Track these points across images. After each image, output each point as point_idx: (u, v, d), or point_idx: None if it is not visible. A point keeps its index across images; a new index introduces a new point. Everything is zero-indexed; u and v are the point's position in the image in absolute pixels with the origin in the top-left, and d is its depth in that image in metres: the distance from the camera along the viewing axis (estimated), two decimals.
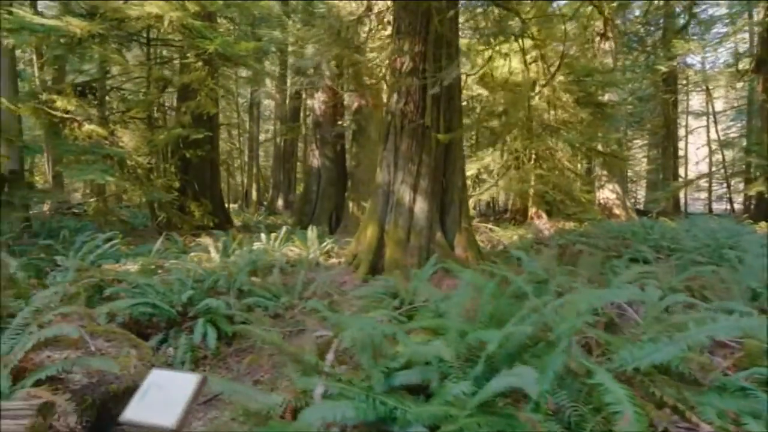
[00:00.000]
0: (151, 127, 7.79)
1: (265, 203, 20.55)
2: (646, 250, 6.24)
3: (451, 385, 1.63)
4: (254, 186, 20.81)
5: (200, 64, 7.61)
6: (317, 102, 11.40)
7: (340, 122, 10.87)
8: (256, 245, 7.01)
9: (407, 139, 5.75)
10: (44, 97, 7.06)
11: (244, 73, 19.53)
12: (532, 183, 11.20)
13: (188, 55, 8.40)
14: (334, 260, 6.92)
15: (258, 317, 3.48)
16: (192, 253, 6.15)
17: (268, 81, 20.18)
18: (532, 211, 11.98)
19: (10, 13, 6.49)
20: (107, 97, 8.17)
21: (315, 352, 2.29)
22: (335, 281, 4.52)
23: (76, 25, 6.87)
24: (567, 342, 1.64)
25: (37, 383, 1.85)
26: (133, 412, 1.26)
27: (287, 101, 19.18)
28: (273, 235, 7.50)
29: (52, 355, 2.12)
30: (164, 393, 1.27)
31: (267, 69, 13.94)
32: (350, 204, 10.97)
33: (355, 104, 10.95)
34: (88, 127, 7.19)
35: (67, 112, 7.07)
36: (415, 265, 5.53)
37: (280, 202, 20.13)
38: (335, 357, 2.36)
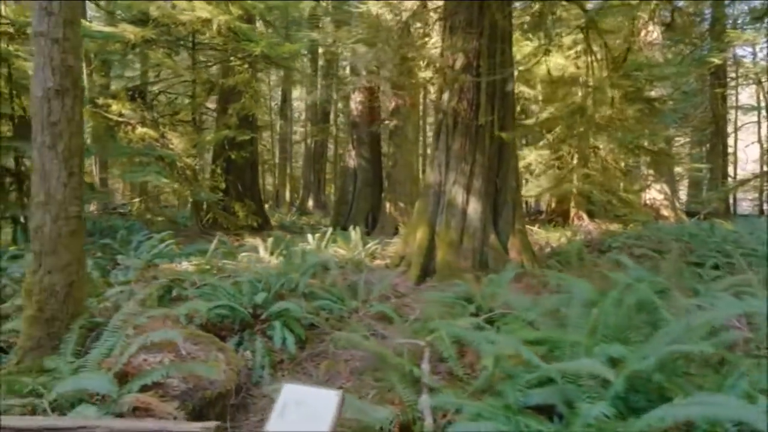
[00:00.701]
0: (198, 130, 7.94)
1: (295, 204, 20.80)
2: (714, 254, 5.84)
3: (586, 406, 1.48)
4: (287, 186, 21.06)
5: (246, 66, 7.69)
6: (353, 102, 11.37)
7: (378, 122, 10.78)
8: (302, 246, 7.01)
9: (460, 138, 5.58)
10: (101, 101, 7.30)
11: (274, 75, 19.84)
12: (575, 182, 10.78)
13: (231, 58, 8.54)
14: (378, 261, 6.83)
15: (322, 321, 3.41)
16: (243, 254, 6.20)
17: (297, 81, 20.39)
18: (573, 212, 11.54)
19: None
20: (155, 101, 8.40)
21: (411, 361, 2.18)
22: (390, 284, 4.41)
23: (131, 31, 7.08)
24: (739, 364, 1.46)
25: (143, 389, 1.82)
26: (276, 429, 1.19)
27: (317, 102, 19.34)
28: (317, 235, 7.48)
29: (148, 358, 2.10)
30: (306, 410, 1.19)
31: (299, 70, 13.97)
32: (387, 204, 10.88)
33: (393, 104, 10.85)
34: (140, 129, 7.40)
35: (121, 115, 7.30)
36: (470, 268, 5.37)
37: (310, 203, 20.31)
38: (430, 366, 2.24)
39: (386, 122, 10.33)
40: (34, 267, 2.36)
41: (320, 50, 16.58)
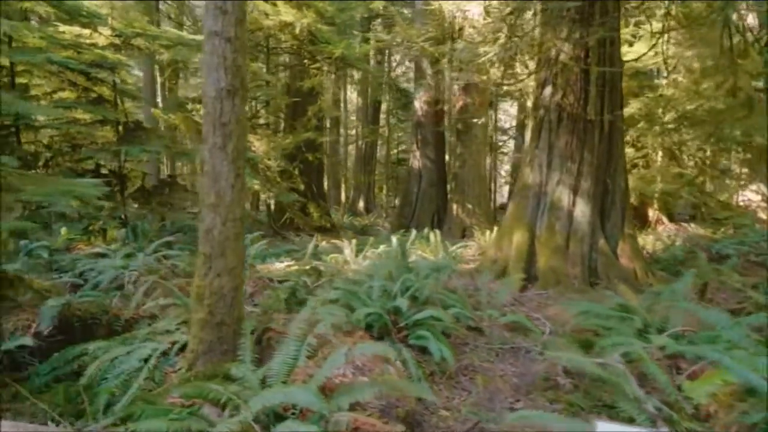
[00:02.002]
0: (276, 132, 8.07)
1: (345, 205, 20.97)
2: None
3: None
4: (342, 187, 21.27)
5: (324, 68, 7.70)
6: (419, 102, 11.17)
7: (463, 116, 10.45)
8: (383, 248, 6.89)
9: (566, 135, 5.21)
10: (189, 106, 7.57)
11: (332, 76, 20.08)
12: (659, 182, 9.94)
13: (306, 60, 8.62)
14: (462, 265, 6.56)
15: (461, 330, 3.20)
16: (331, 255, 6.17)
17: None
18: (654, 214, 10.66)
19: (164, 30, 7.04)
20: None
21: (623, 383, 1.91)
22: (509, 291, 4.13)
23: None
24: None
25: (352, 407, 1.69)
26: None
27: (368, 103, 19.36)
28: (396, 237, 7.32)
29: (334, 370, 1.98)
30: None
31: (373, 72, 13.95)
32: (454, 206, 10.58)
33: (460, 103, 10.54)
34: None
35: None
36: (579, 275, 4.98)
37: (360, 204, 20.38)
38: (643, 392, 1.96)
39: (458, 121, 10.03)
40: (204, 270, 2.33)
41: (371, 51, 16.55)
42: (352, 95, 21.47)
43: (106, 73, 6.15)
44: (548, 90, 5.37)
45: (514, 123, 21.85)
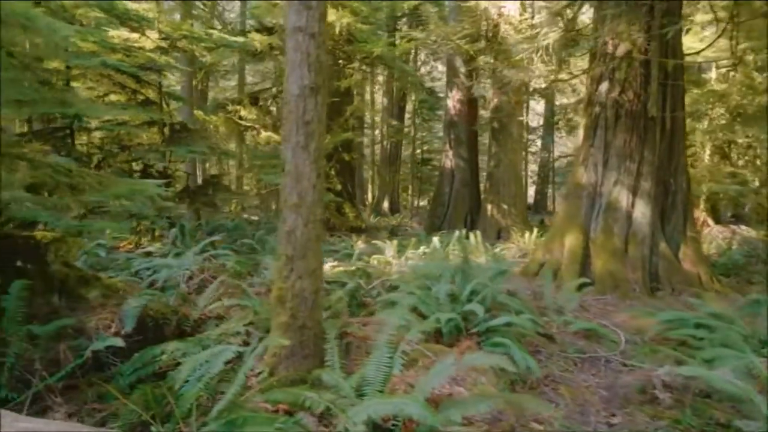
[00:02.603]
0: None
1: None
2: None
3: None
4: (370, 188, 21.28)
5: (363, 67, 7.65)
6: (451, 101, 11.01)
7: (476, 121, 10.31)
8: (423, 249, 6.78)
9: (624, 133, 4.97)
10: (230, 107, 7.65)
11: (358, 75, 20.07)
12: (708, 182, 9.45)
13: (340, 60, 8.59)
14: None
15: (536, 337, 3.06)
16: (373, 256, 6.10)
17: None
18: (701, 215, 10.16)
19: (208, 34, 7.13)
20: (271, 106, 8.70)
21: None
22: (577, 297, 3.94)
23: (258, 40, 7.35)
24: None
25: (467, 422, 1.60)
26: None
27: (393, 102, 19.25)
28: (436, 239, 7.19)
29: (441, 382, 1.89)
30: None
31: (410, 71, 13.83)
32: (488, 206, 10.36)
33: (495, 101, 10.32)
34: (264, 133, 7.65)
35: (240, 119, 7.60)
36: (639, 280, 4.74)
37: (385, 204, 20.30)
38: None
39: (494, 120, 9.82)
40: (286, 272, 2.28)
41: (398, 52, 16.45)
42: (376, 95, 21.42)
43: (153, 75, 6.27)
44: (604, 86, 5.15)
45: (540, 122, 21.37)
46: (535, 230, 8.56)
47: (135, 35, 6.27)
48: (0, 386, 1.94)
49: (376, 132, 21.22)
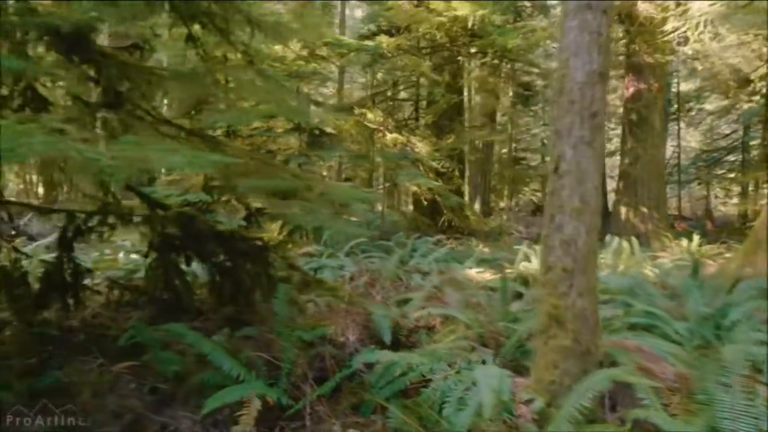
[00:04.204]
0: (439, 132, 7.86)
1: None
2: None
3: None
4: (466, 189, 20.68)
5: (495, 62, 7.23)
6: None
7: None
8: None
9: None
10: (356, 110, 7.73)
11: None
12: None
13: (460, 57, 8.25)
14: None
15: None
16: (521, 263, 5.65)
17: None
18: None
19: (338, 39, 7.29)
20: (394, 107, 8.69)
21: None
22: None
23: (385, 42, 7.33)
24: None
25: None
26: None
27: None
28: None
29: None
30: None
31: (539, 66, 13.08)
32: (622, 209, 9.23)
33: (631, 90, 9.16)
34: (390, 135, 7.61)
35: (371, 122, 7.62)
36: None
37: (476, 206, 19.50)
38: None
39: (631, 110, 8.73)
40: (564, 287, 1.98)
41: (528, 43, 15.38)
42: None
43: (296, 82, 6.53)
44: None
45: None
46: (696, 238, 7.37)
47: (278, 46, 6.62)
48: (280, 393, 1.92)
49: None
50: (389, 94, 9.53)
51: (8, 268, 2.63)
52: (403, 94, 9.74)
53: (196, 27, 2.60)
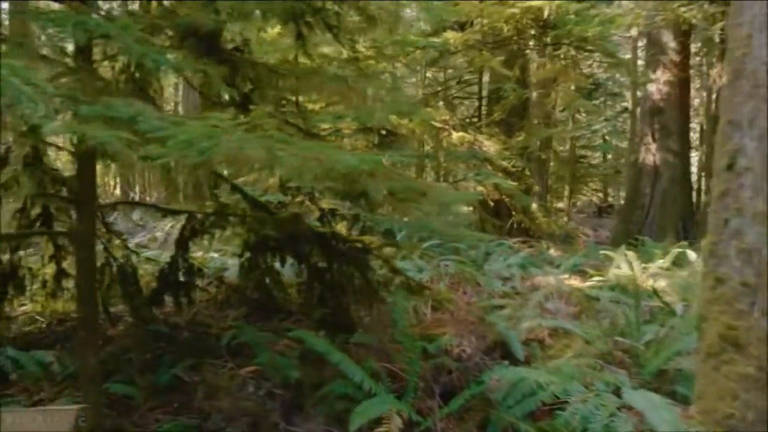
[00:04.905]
0: (508, 130, 7.51)
1: None
2: None
3: None
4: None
5: (572, 52, 6.76)
6: (656, 84, 9.21)
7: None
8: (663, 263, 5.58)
9: None
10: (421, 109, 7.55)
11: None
12: None
13: (527, 51, 7.82)
14: None
15: None
16: (612, 270, 5.20)
17: None
18: None
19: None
20: (458, 105, 8.45)
21: None
22: None
23: (452, 38, 7.10)
24: None
25: None
26: None
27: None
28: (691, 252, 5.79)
29: None
30: None
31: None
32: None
33: (722, 79, 8.23)
34: (456, 134, 7.37)
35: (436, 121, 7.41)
36: None
37: (533, 206, 18.60)
38: None
39: None
40: (745, 305, 1.68)
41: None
42: None
43: (366, 82, 6.48)
44: None
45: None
46: None
47: (343, 48, 6.61)
48: (409, 408, 1.80)
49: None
50: (453, 92, 9.29)
51: (123, 266, 2.75)
52: (457, 92, 9.45)
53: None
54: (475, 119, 8.27)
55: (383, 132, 7.28)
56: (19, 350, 2.48)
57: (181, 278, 2.58)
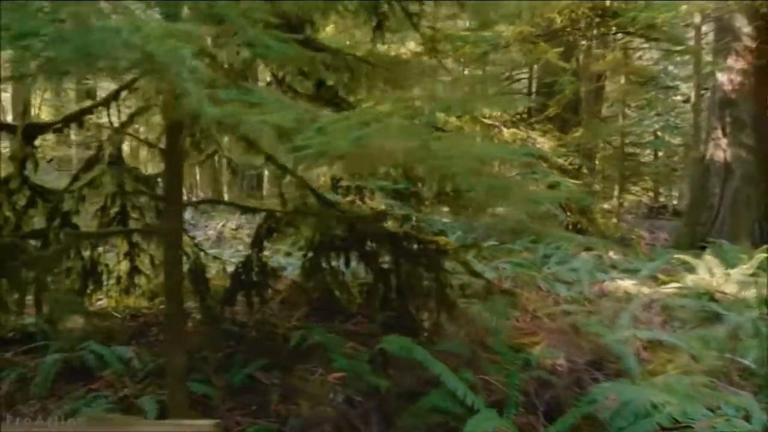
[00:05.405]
0: (563, 126, 7.14)
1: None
2: None
3: None
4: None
5: (632, 42, 6.29)
6: (727, 74, 8.45)
7: None
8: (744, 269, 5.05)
9: None
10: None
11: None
12: None
13: (586, 42, 7.38)
14: None
15: None
16: (689, 276, 4.76)
17: None
18: None
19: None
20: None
21: None
22: None
23: (505, 30, 6.81)
24: None
25: None
26: None
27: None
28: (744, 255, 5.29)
29: None
30: None
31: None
32: None
33: None
34: (507, 131, 7.08)
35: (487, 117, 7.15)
36: None
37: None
38: None
39: None
40: None
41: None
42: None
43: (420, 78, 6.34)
44: None
45: None
46: None
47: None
48: (511, 425, 1.64)
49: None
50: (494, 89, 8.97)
51: (195, 264, 2.75)
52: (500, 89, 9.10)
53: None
54: (525, 115, 7.92)
55: (433, 128, 7.12)
56: (101, 345, 2.53)
57: (255, 278, 2.55)
